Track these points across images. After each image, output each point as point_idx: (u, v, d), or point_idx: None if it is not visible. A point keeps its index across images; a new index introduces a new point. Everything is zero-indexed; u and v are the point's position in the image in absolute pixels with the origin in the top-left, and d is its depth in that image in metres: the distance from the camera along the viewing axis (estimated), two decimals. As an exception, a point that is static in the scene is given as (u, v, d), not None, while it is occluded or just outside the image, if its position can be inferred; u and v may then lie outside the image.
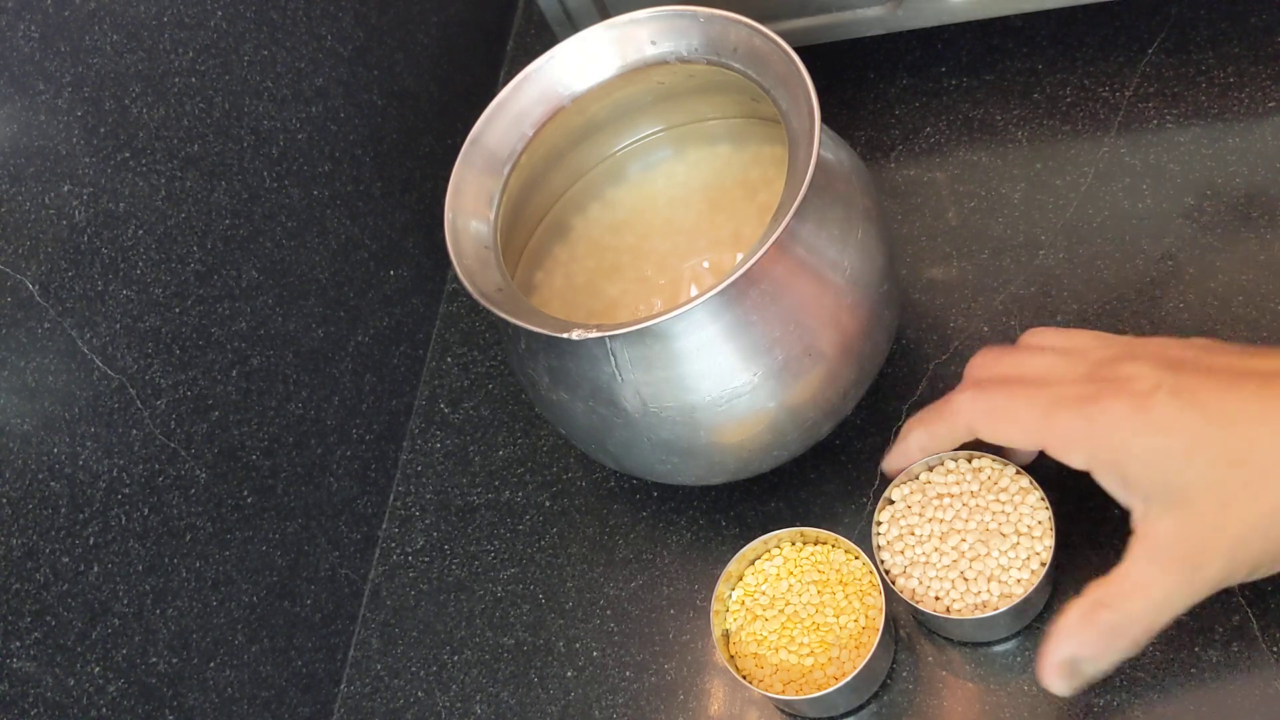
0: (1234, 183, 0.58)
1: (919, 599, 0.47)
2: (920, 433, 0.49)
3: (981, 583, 0.47)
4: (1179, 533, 0.41)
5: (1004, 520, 0.48)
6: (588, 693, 0.55)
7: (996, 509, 0.48)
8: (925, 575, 0.48)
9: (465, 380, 0.68)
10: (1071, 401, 0.43)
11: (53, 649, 0.44)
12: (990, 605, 0.46)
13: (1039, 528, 0.47)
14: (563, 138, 0.57)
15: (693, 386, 0.47)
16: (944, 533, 0.48)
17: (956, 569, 0.47)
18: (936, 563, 0.48)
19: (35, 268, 0.44)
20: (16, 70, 0.44)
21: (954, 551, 0.48)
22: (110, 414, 0.47)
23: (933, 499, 0.49)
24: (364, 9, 0.65)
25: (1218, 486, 0.41)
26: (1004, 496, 0.48)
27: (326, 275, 0.61)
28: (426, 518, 0.63)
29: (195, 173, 0.53)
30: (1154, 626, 0.42)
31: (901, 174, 0.64)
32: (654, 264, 0.59)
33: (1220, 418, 0.41)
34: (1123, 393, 0.42)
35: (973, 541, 0.47)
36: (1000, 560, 0.47)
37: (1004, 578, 0.47)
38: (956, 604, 0.47)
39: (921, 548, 0.48)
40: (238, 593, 0.53)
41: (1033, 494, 0.48)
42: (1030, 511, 0.47)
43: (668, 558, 0.58)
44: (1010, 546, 0.47)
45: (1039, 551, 0.47)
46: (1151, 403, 0.42)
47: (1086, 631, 0.43)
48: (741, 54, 0.51)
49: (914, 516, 0.49)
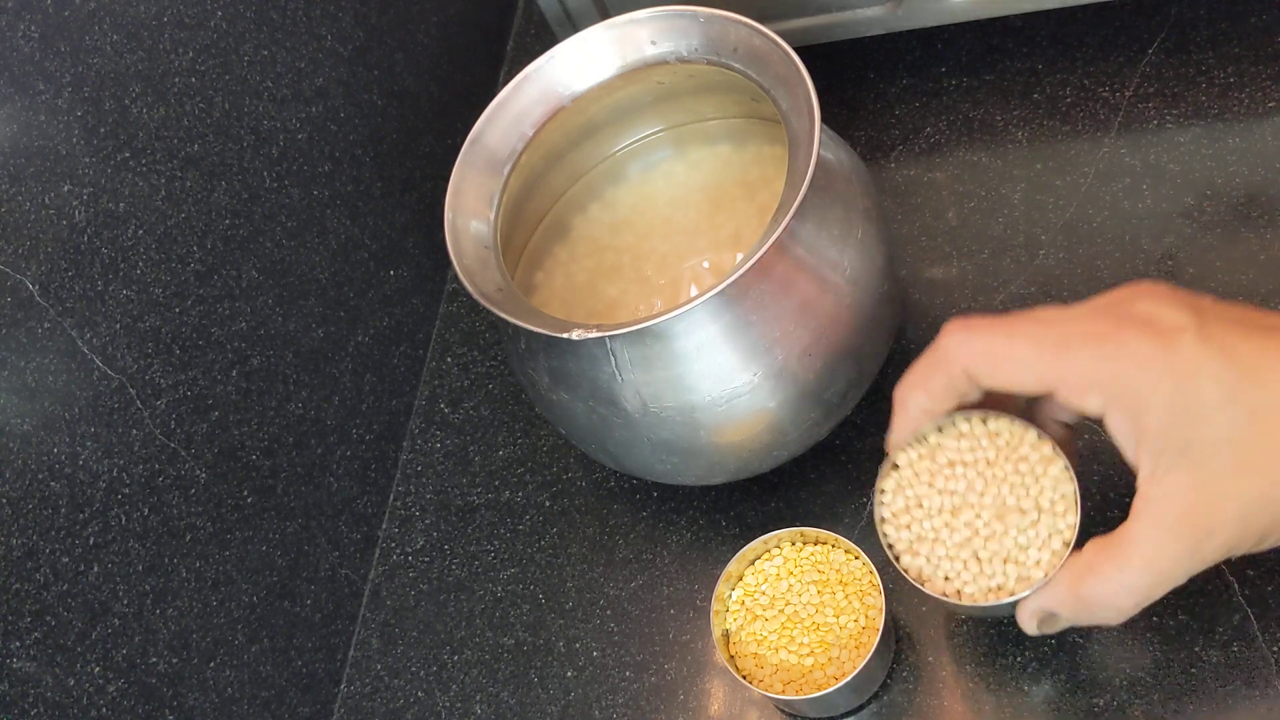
0: (1234, 183, 0.58)
1: (926, 580, 0.43)
2: (918, 394, 0.43)
3: (997, 564, 0.42)
4: (1191, 496, 0.38)
5: (1023, 494, 0.42)
6: (588, 693, 0.55)
7: (1015, 480, 0.43)
8: (934, 554, 0.43)
9: (465, 380, 0.68)
10: (1086, 337, 0.39)
11: (53, 649, 0.44)
12: (1006, 590, 0.42)
13: (1062, 503, 0.42)
14: (563, 138, 0.57)
15: (693, 386, 0.47)
16: (956, 506, 0.43)
17: (969, 547, 0.43)
18: (947, 540, 0.43)
19: (35, 268, 0.44)
20: (16, 70, 0.44)
21: (966, 528, 0.43)
22: (110, 414, 0.47)
23: (943, 466, 0.44)
24: (364, 9, 0.65)
25: (1238, 445, 0.37)
26: (1024, 467, 0.43)
27: (326, 275, 0.61)
28: (426, 518, 0.63)
29: (195, 173, 0.53)
30: (1150, 597, 0.39)
31: (901, 174, 0.64)
32: (654, 264, 0.59)
33: (1251, 369, 0.37)
34: (1147, 330, 0.38)
35: (988, 518, 0.42)
36: (1018, 539, 0.42)
37: (1022, 559, 0.42)
38: (968, 587, 0.43)
39: (930, 522, 0.43)
40: (238, 593, 0.53)
41: (1056, 464, 0.42)
42: (1053, 484, 0.42)
43: (668, 558, 0.58)
44: (1030, 524, 0.42)
45: (1061, 530, 0.42)
46: (1179, 344, 0.37)
47: (1075, 595, 0.40)
48: (741, 54, 0.51)
49: (922, 486, 0.44)
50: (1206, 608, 0.47)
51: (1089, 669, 0.48)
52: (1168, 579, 0.39)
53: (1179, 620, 0.48)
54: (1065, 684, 0.48)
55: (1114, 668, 0.47)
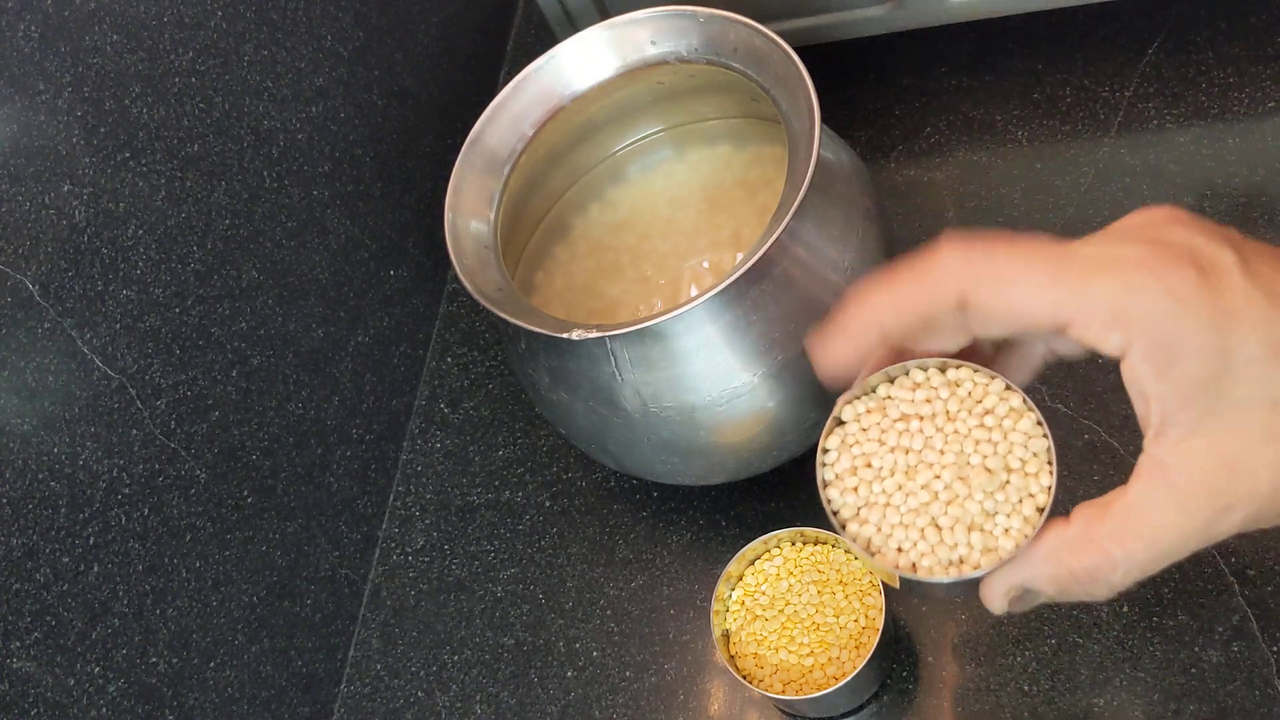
0: (1234, 183, 0.58)
1: (876, 550, 0.37)
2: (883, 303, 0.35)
3: (960, 533, 0.36)
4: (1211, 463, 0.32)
5: (990, 451, 0.36)
6: (588, 693, 0.55)
7: (981, 435, 0.37)
8: (886, 521, 0.37)
9: (465, 380, 0.68)
10: (1116, 262, 0.32)
11: (53, 649, 0.44)
12: (970, 563, 0.36)
13: (1034, 461, 0.36)
14: (562, 138, 0.57)
15: (693, 386, 0.47)
16: (910, 466, 0.37)
17: (926, 514, 0.36)
18: (900, 505, 0.37)
19: (35, 268, 0.44)
20: (16, 70, 0.44)
21: (924, 492, 0.37)
22: (110, 414, 0.47)
23: (896, 421, 0.38)
24: (364, 9, 0.65)
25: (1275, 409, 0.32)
26: (990, 421, 0.37)
27: (326, 275, 0.61)
28: (426, 518, 0.63)
29: (195, 173, 0.53)
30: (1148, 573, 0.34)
31: (901, 174, 0.64)
32: (654, 264, 0.59)
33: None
34: (1187, 262, 0.32)
35: (948, 479, 0.36)
36: (985, 504, 0.36)
37: (989, 526, 0.36)
38: (926, 559, 0.36)
39: (881, 485, 0.37)
40: (238, 593, 0.53)
41: (1027, 418, 0.37)
42: (1024, 440, 0.36)
43: (668, 558, 0.58)
44: (998, 486, 0.36)
45: (1034, 493, 0.36)
46: (1225, 283, 0.31)
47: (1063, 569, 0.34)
48: (741, 54, 0.51)
49: (870, 443, 0.38)
50: (1206, 608, 0.47)
51: (1089, 669, 0.48)
52: (1172, 554, 0.33)
53: (1179, 620, 0.48)
54: (1065, 684, 0.48)
55: (1114, 668, 0.47)
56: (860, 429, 0.38)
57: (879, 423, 0.38)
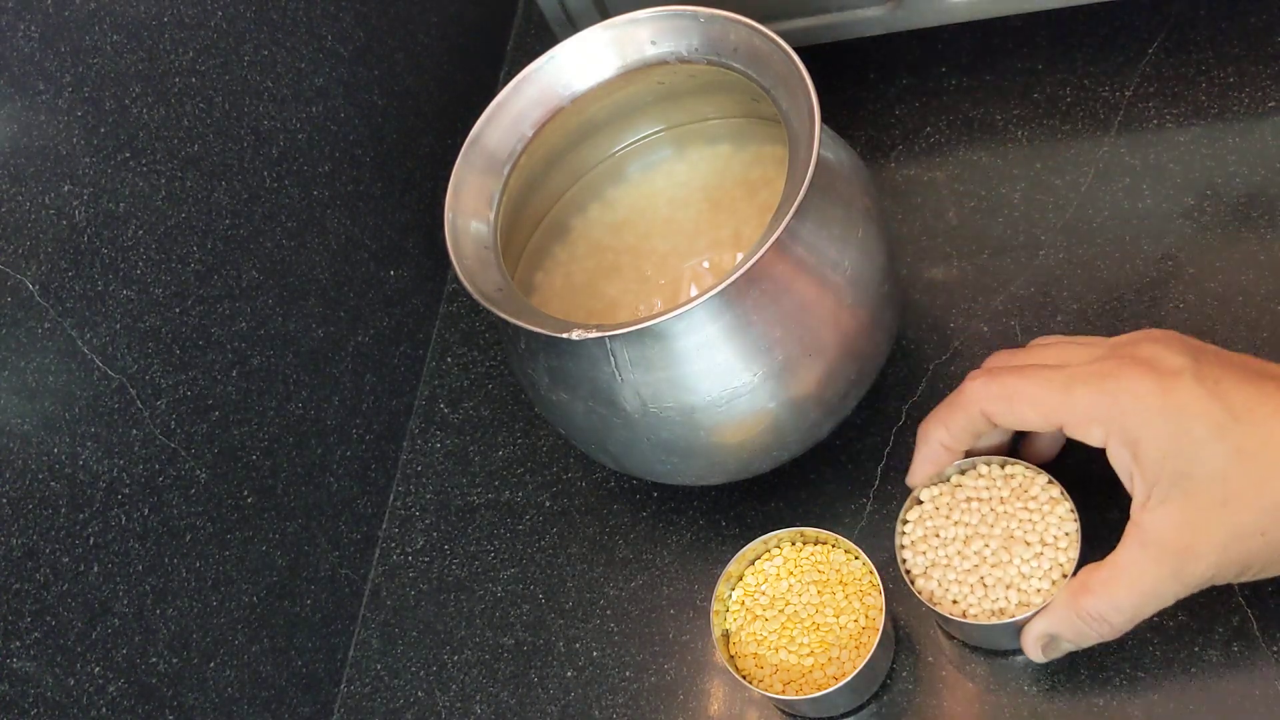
0: (1234, 183, 0.58)
1: (936, 601, 0.47)
2: (938, 430, 0.47)
3: (1000, 590, 0.46)
4: (1176, 523, 0.41)
5: (1029, 529, 0.47)
6: (588, 693, 0.55)
7: (1024, 516, 0.47)
8: (945, 578, 0.47)
9: (465, 380, 0.68)
10: (1091, 376, 0.43)
11: (53, 649, 0.44)
12: (1007, 613, 0.46)
13: (1065, 539, 0.46)
14: (562, 138, 0.57)
15: (693, 386, 0.47)
16: (968, 536, 0.47)
17: (977, 574, 0.47)
18: (958, 566, 0.47)
19: (35, 268, 0.44)
20: (16, 70, 0.44)
21: (975, 556, 0.47)
22: (110, 414, 0.47)
23: (961, 502, 0.48)
24: (364, 9, 0.65)
25: (1224, 481, 0.40)
26: (1033, 505, 0.47)
27: (326, 275, 0.61)
28: (426, 518, 0.63)
29: (195, 173, 0.53)
30: (1138, 616, 0.43)
31: (901, 174, 0.64)
32: (654, 264, 0.59)
33: (1241, 410, 0.40)
34: (1147, 370, 0.42)
35: (995, 547, 0.47)
36: (1021, 569, 0.46)
37: (1024, 586, 0.46)
38: (973, 609, 0.46)
39: (944, 550, 0.48)
40: (238, 593, 0.53)
41: (1063, 504, 0.47)
42: (1058, 522, 0.46)
43: (668, 558, 0.58)
44: (1033, 555, 0.46)
45: (1062, 563, 0.46)
46: (1176, 384, 0.41)
47: (1070, 614, 0.43)
48: (741, 54, 0.51)
49: (940, 519, 0.48)
50: (1206, 608, 0.47)
51: (1089, 669, 0.48)
52: (1153, 600, 0.42)
53: (1179, 620, 0.48)
54: (1065, 684, 0.48)
55: (1114, 668, 0.47)
56: (934, 508, 0.49)
57: (949, 502, 0.49)
